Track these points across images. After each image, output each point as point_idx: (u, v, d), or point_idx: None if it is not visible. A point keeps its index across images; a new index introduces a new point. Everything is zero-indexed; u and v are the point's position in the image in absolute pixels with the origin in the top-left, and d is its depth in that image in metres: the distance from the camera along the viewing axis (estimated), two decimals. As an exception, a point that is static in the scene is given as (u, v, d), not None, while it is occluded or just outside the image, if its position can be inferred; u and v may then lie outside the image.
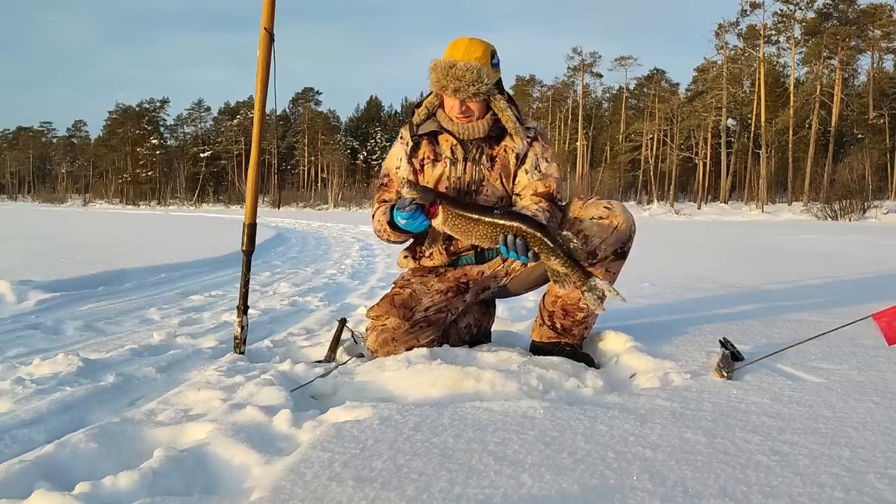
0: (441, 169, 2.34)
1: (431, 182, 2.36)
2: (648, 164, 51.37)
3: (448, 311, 2.35)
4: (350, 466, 1.28)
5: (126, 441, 1.53)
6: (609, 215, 2.26)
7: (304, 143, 70.04)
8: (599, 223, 2.25)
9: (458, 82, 2.18)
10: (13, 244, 7.50)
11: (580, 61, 54.72)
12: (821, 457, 1.33)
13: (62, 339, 2.81)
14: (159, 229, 13.01)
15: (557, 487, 1.19)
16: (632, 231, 2.29)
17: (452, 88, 2.19)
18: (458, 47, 2.23)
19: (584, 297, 2.01)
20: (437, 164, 2.35)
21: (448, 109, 2.30)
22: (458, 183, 2.34)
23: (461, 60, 2.19)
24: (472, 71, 2.17)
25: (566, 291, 2.28)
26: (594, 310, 2.13)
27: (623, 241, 2.27)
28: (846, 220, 21.96)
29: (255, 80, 2.37)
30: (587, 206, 2.31)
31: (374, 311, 2.34)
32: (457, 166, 2.33)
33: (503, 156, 2.34)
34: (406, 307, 2.30)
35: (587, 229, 2.25)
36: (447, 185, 2.34)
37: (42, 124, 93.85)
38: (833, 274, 5.18)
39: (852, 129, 42.39)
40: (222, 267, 5.74)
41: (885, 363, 2.11)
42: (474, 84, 2.18)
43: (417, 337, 2.28)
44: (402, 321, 2.27)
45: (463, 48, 2.22)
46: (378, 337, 2.28)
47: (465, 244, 2.38)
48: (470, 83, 2.18)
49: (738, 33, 42.96)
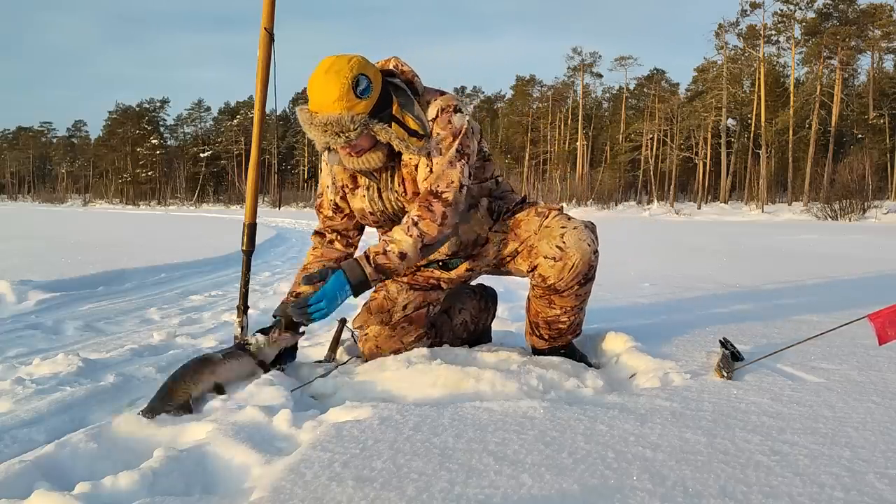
0: (359, 203, 2.17)
1: (356, 212, 2.19)
2: (648, 164, 51.35)
3: (428, 303, 2.31)
4: (350, 466, 1.28)
5: (126, 441, 1.53)
6: (562, 256, 2.09)
7: (304, 143, 69.97)
8: (554, 265, 2.10)
9: (323, 136, 1.92)
10: (13, 244, 7.50)
11: (580, 61, 54.74)
12: (821, 457, 1.33)
13: (62, 339, 2.81)
14: (159, 229, 13.01)
15: (557, 487, 1.19)
16: (590, 262, 2.11)
17: (322, 143, 1.96)
18: (313, 90, 1.93)
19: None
20: (356, 191, 2.17)
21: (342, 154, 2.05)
22: (383, 216, 2.16)
23: (318, 112, 1.91)
24: (332, 124, 1.89)
25: (543, 308, 2.22)
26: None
27: (583, 275, 2.12)
28: (846, 220, 21.95)
29: (255, 80, 2.37)
30: (542, 233, 2.13)
31: (355, 321, 2.34)
32: (375, 201, 2.14)
33: (410, 171, 2.07)
34: (382, 311, 2.27)
35: (542, 270, 2.12)
36: (373, 218, 2.18)
37: (42, 124, 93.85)
38: (833, 274, 5.18)
39: (852, 129, 42.38)
40: (222, 267, 5.75)
41: (885, 363, 2.11)
42: (339, 135, 1.91)
43: (401, 338, 2.26)
44: (382, 327, 2.26)
45: (316, 92, 1.91)
46: (364, 346, 2.29)
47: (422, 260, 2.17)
48: (334, 135, 1.91)
49: (738, 33, 42.96)
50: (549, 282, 2.14)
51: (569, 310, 2.21)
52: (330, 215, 2.27)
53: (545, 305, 2.22)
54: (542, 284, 2.16)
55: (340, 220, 2.27)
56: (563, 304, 2.19)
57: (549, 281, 2.14)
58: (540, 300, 2.22)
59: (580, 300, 2.21)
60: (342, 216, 2.26)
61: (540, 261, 2.13)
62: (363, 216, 2.21)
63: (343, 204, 2.23)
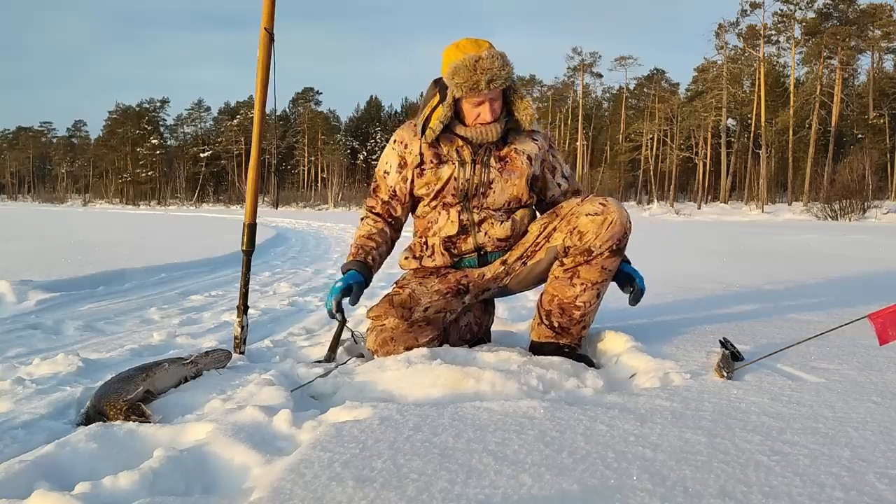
0: (449, 171, 2.31)
1: (437, 184, 2.33)
2: (648, 164, 51.37)
3: (447, 311, 2.35)
4: (350, 466, 1.28)
5: (126, 441, 1.53)
6: (604, 212, 2.22)
7: (304, 143, 70.01)
8: (594, 219, 2.22)
9: (489, 73, 2.12)
10: (13, 244, 7.50)
11: (580, 61, 54.74)
12: (821, 457, 1.32)
13: (62, 339, 2.81)
14: (159, 229, 13.01)
15: (557, 487, 1.19)
16: (626, 228, 2.25)
17: (486, 80, 2.13)
18: (468, 45, 2.18)
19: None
20: (441, 166, 2.32)
21: (472, 119, 2.26)
22: (467, 185, 2.31)
23: (483, 51, 2.14)
24: (497, 58, 2.13)
25: (562, 288, 2.29)
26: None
27: (618, 238, 2.24)
28: (846, 220, 21.95)
29: (255, 80, 2.37)
30: (584, 202, 2.29)
31: (373, 311, 2.34)
32: (465, 168, 2.31)
33: (513, 157, 2.33)
34: (405, 307, 2.29)
35: (582, 226, 2.23)
36: (455, 186, 2.32)
37: (42, 124, 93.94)
38: (833, 274, 5.18)
39: (852, 129, 42.37)
40: (222, 267, 5.74)
41: (885, 363, 2.11)
42: (504, 69, 2.14)
43: (417, 336, 2.27)
44: (401, 321, 2.27)
45: (472, 43, 2.17)
46: (377, 337, 2.28)
47: (468, 246, 2.38)
48: (500, 69, 2.13)
49: (738, 33, 42.98)
50: (585, 238, 2.23)
51: (589, 287, 2.26)
52: (386, 199, 2.44)
53: (566, 283, 2.28)
54: (577, 245, 2.24)
55: (396, 204, 2.44)
56: (587, 277, 2.25)
57: (585, 238, 2.22)
58: (561, 279, 2.29)
59: (603, 277, 2.27)
60: (398, 202, 2.43)
61: (581, 219, 2.24)
62: (443, 187, 2.33)
63: (404, 188, 2.39)
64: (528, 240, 2.38)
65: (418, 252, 2.45)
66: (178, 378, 1.97)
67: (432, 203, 2.39)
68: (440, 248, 2.38)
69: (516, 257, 2.39)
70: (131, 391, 1.76)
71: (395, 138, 2.41)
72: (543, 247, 2.33)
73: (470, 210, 2.35)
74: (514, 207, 2.38)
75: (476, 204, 2.34)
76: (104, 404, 1.72)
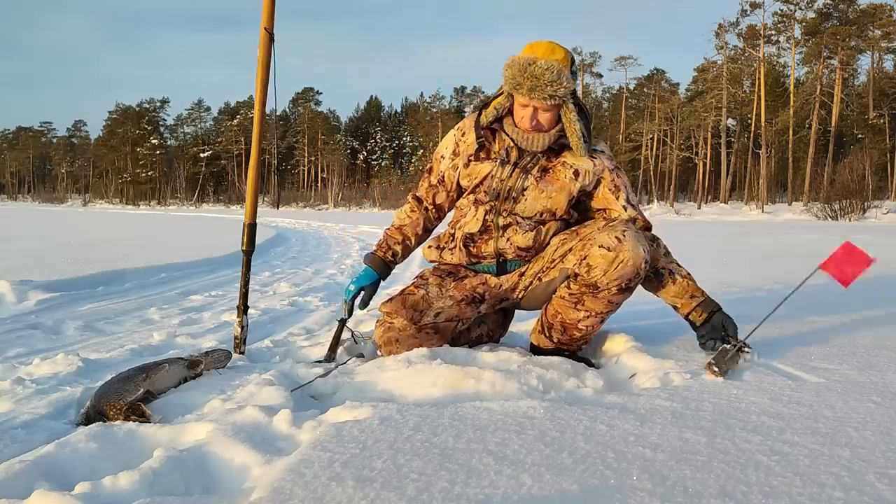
0: (488, 168, 2.27)
1: (476, 178, 2.29)
2: (648, 164, 51.38)
3: (458, 320, 2.32)
4: (350, 466, 1.28)
5: (126, 441, 1.53)
6: (617, 248, 2.09)
7: (304, 143, 70.02)
8: (605, 255, 2.09)
9: (534, 80, 2.05)
10: (13, 244, 7.50)
11: (580, 61, 54.71)
12: (821, 457, 1.32)
13: (62, 339, 2.81)
14: (159, 229, 13.01)
15: (557, 487, 1.19)
16: (639, 269, 2.11)
17: (528, 87, 2.06)
18: (539, 47, 2.11)
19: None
20: (485, 161, 2.28)
21: (518, 119, 2.19)
22: (500, 186, 2.25)
23: (542, 58, 2.06)
24: (553, 70, 2.04)
25: (566, 308, 2.23)
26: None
27: (628, 279, 2.12)
28: (846, 220, 21.96)
29: (255, 80, 2.37)
30: (604, 228, 2.16)
31: (385, 306, 2.33)
32: (505, 168, 2.25)
33: (559, 170, 2.24)
34: (416, 309, 2.27)
35: (592, 258, 2.12)
36: (489, 185, 2.27)
37: (42, 124, 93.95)
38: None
39: (852, 129, 42.38)
40: (222, 267, 5.74)
41: (885, 363, 2.11)
42: (552, 85, 2.05)
43: (422, 342, 2.25)
44: (409, 323, 2.25)
45: (544, 48, 2.10)
46: (384, 334, 2.28)
47: (488, 249, 2.33)
48: (548, 83, 2.04)
49: (738, 33, 42.98)
50: (592, 273, 2.12)
51: (593, 315, 2.21)
52: (434, 183, 2.44)
53: (570, 306, 2.22)
54: (584, 277, 2.15)
55: (441, 190, 2.43)
56: (592, 307, 2.19)
57: (593, 272, 2.12)
58: (566, 300, 2.22)
59: (609, 308, 2.21)
60: (444, 189, 2.42)
61: (593, 250, 2.12)
62: (480, 182, 2.29)
63: (452, 176, 2.37)
64: (546, 254, 2.31)
65: (443, 242, 2.43)
66: (178, 378, 1.98)
67: (469, 196, 2.35)
68: (460, 243, 2.36)
69: (534, 272, 2.33)
70: (131, 391, 1.76)
71: (459, 125, 2.39)
72: (558, 266, 2.26)
73: (498, 212, 2.29)
74: (547, 220, 2.30)
75: (506, 207, 2.28)
76: (104, 404, 1.72)
